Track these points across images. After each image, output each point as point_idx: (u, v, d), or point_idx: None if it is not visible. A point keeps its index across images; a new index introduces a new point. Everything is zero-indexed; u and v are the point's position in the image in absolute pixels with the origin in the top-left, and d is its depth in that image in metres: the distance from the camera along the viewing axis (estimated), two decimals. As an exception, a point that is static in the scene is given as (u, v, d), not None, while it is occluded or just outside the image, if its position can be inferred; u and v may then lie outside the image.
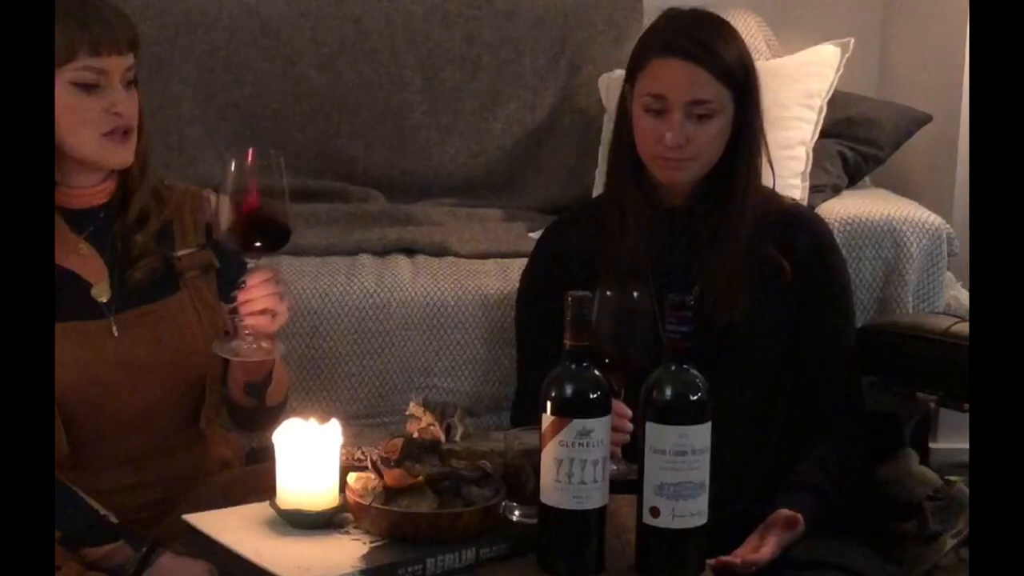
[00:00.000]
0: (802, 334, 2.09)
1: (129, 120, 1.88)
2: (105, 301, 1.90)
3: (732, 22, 3.35)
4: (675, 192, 2.10)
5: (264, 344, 1.82)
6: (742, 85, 2.05)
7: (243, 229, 1.76)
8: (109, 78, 1.85)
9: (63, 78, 1.82)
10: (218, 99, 3.12)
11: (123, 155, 1.89)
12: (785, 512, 1.93)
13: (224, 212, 1.76)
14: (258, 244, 1.78)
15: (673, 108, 2.02)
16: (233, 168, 1.75)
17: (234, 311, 1.81)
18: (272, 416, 2.01)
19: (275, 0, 3.22)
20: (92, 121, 1.85)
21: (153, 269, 1.93)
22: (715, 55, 2.02)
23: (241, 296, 1.80)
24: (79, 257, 1.90)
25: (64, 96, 1.82)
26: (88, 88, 1.84)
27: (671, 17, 2.11)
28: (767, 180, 2.16)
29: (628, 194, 2.11)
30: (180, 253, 1.95)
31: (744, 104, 2.06)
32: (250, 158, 1.76)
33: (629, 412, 1.80)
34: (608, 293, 1.83)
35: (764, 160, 2.11)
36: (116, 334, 1.89)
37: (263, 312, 1.79)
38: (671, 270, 2.07)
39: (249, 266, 1.81)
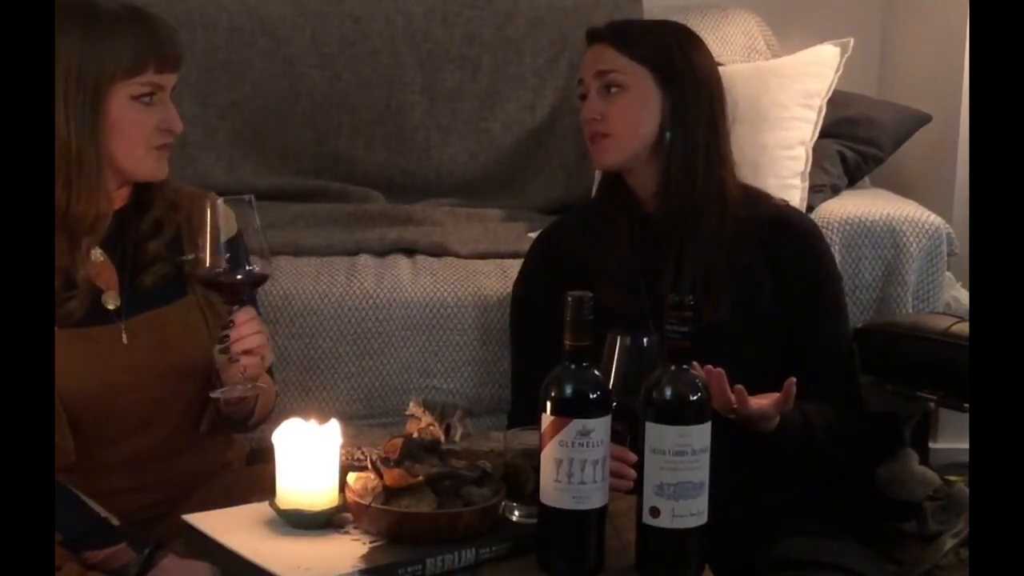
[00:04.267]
0: (795, 338, 2.09)
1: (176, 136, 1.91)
2: (115, 308, 1.90)
3: (732, 22, 3.37)
4: (646, 197, 2.13)
5: (255, 383, 1.83)
6: (662, 65, 2.09)
7: (226, 290, 1.79)
8: (163, 94, 1.89)
9: (125, 91, 1.85)
10: (218, 99, 3.12)
11: (164, 168, 1.93)
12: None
13: (207, 260, 1.77)
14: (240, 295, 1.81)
15: (589, 87, 2.13)
16: (209, 218, 1.76)
17: (225, 350, 1.81)
18: (251, 429, 2.04)
19: (275, 0, 3.22)
20: (147, 135, 1.88)
21: (164, 274, 1.94)
22: (624, 34, 2.12)
23: (233, 334, 1.80)
24: (92, 263, 1.90)
25: (124, 109, 1.85)
26: (146, 102, 1.86)
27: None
28: (754, 181, 2.18)
29: (606, 201, 2.17)
30: (188, 258, 1.96)
31: (673, 90, 2.08)
32: (220, 205, 1.77)
33: (633, 458, 1.77)
34: (619, 339, 1.83)
35: (734, 161, 2.14)
36: (125, 339, 1.89)
37: (251, 353, 1.80)
38: (660, 274, 2.08)
39: (234, 308, 1.81)
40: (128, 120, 1.85)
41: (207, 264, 1.77)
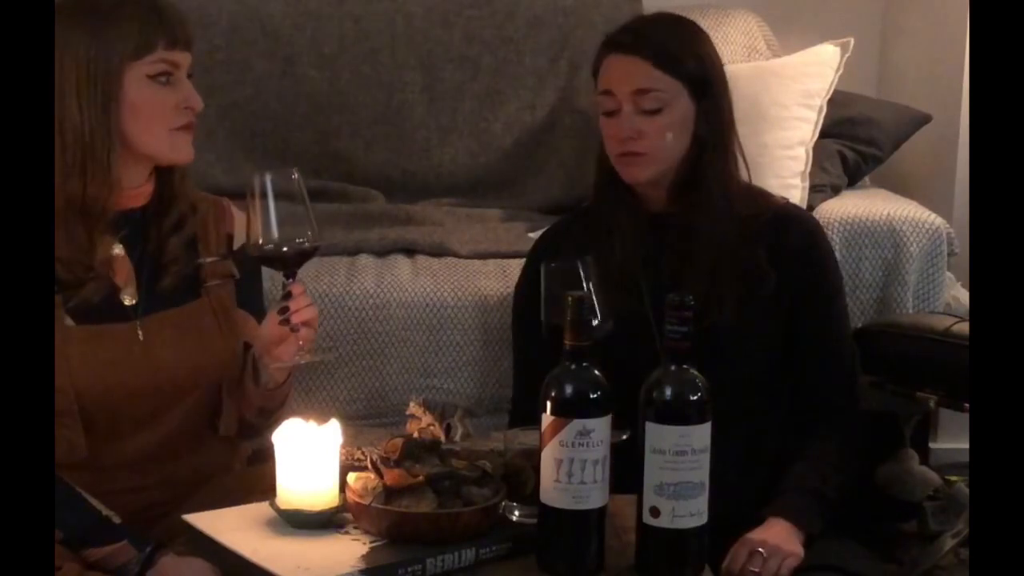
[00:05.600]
0: (796, 336, 2.09)
1: (197, 114, 1.90)
2: (132, 304, 1.91)
3: (732, 22, 3.36)
4: (652, 197, 2.11)
5: (307, 354, 1.86)
6: (697, 80, 2.06)
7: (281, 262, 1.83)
8: (179, 73, 1.88)
9: (140, 72, 1.84)
10: (218, 99, 3.12)
11: (189, 150, 1.91)
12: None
13: (259, 236, 1.80)
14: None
15: (622, 103, 2.05)
16: (258, 193, 1.79)
17: (286, 321, 1.83)
18: (269, 430, 2.03)
19: (275, 0, 3.22)
20: (167, 115, 1.87)
21: (182, 275, 1.94)
22: (657, 45, 2.04)
23: (292, 305, 1.83)
24: (111, 258, 1.90)
25: (142, 89, 1.84)
26: (163, 82, 1.85)
27: (631, 19, 2.17)
28: (754, 181, 2.17)
29: (608, 202, 2.14)
30: (205, 261, 1.96)
31: (705, 101, 2.06)
32: (268, 182, 1.79)
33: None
34: (544, 266, 1.95)
35: (741, 159, 2.12)
36: (141, 338, 1.89)
37: (307, 324, 1.84)
38: (661, 275, 2.08)
39: (287, 281, 1.84)
40: (146, 100, 1.84)
41: (259, 240, 1.79)
